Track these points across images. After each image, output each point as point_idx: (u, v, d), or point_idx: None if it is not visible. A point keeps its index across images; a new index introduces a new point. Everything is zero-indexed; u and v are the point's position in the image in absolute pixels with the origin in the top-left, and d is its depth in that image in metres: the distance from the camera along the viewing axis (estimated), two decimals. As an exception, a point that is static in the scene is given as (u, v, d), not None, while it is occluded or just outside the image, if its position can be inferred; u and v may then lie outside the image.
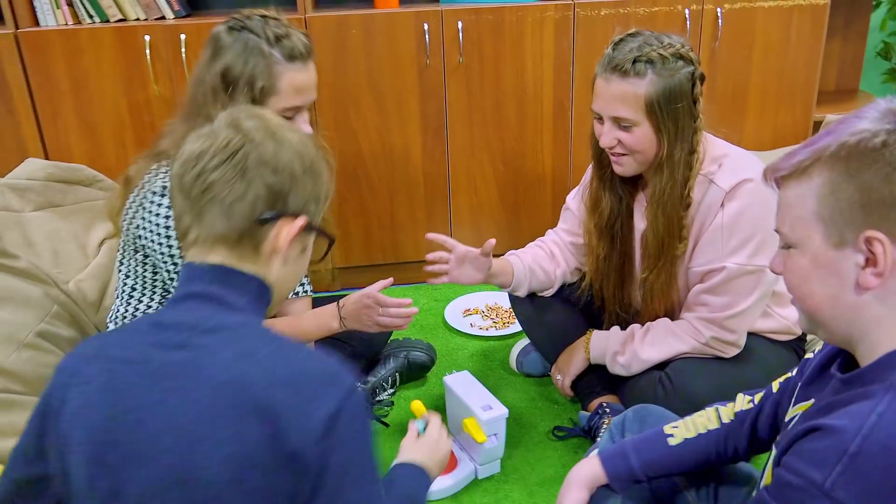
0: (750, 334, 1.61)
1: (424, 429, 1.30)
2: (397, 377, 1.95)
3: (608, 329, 1.73)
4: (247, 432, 0.80)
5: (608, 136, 1.51)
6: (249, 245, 0.91)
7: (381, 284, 1.61)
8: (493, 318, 2.32)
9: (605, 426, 1.67)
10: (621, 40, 1.49)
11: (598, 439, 1.65)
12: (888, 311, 0.84)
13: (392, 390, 1.94)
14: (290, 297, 1.77)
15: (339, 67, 2.28)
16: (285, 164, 0.90)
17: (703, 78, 1.49)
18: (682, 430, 1.21)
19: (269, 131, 0.92)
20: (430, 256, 1.65)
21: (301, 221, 0.92)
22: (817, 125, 2.55)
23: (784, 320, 1.66)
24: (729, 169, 1.52)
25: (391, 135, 2.38)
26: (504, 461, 1.69)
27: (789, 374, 1.15)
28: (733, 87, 2.46)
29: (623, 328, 1.71)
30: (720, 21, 2.35)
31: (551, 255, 1.80)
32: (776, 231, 0.92)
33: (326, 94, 2.30)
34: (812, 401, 0.97)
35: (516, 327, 2.18)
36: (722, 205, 1.50)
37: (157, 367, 0.85)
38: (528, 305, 1.84)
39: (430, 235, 1.64)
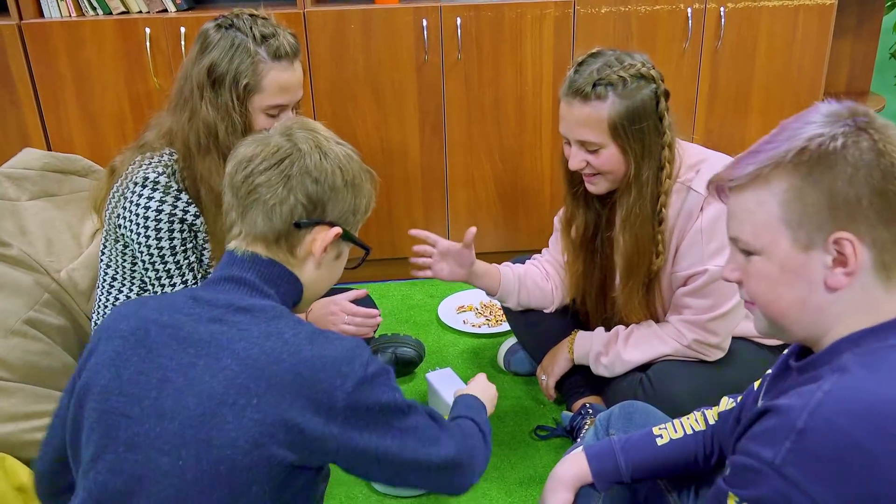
0: (733, 337, 1.59)
1: None
2: (384, 372, 1.95)
3: (593, 330, 1.72)
4: (269, 403, 0.86)
5: (576, 158, 1.51)
6: (286, 245, 0.99)
7: (353, 294, 1.62)
8: (486, 316, 2.31)
9: (587, 426, 1.66)
10: (582, 62, 1.49)
11: (580, 439, 1.65)
12: (848, 306, 0.85)
13: (378, 385, 1.94)
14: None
15: (337, 62, 2.28)
16: (327, 175, 0.98)
17: (667, 94, 1.49)
18: (670, 430, 1.21)
19: (317, 143, 0.99)
20: (414, 249, 1.65)
21: (336, 231, 0.99)
22: (823, 127, 2.50)
23: (771, 324, 1.63)
24: (706, 174, 1.50)
25: (389, 131, 2.38)
26: (484, 459, 1.69)
27: (769, 371, 1.15)
28: (736, 88, 2.42)
29: (608, 329, 1.70)
30: (723, 20, 2.32)
31: (546, 274, 1.79)
32: (731, 239, 0.92)
33: (324, 89, 2.31)
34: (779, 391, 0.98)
35: (508, 326, 2.17)
36: (701, 209, 1.49)
37: (189, 334, 0.91)
38: (517, 304, 1.83)
39: (413, 231, 1.65)
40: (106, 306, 1.61)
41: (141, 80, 2.25)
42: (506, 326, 2.21)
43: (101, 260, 1.63)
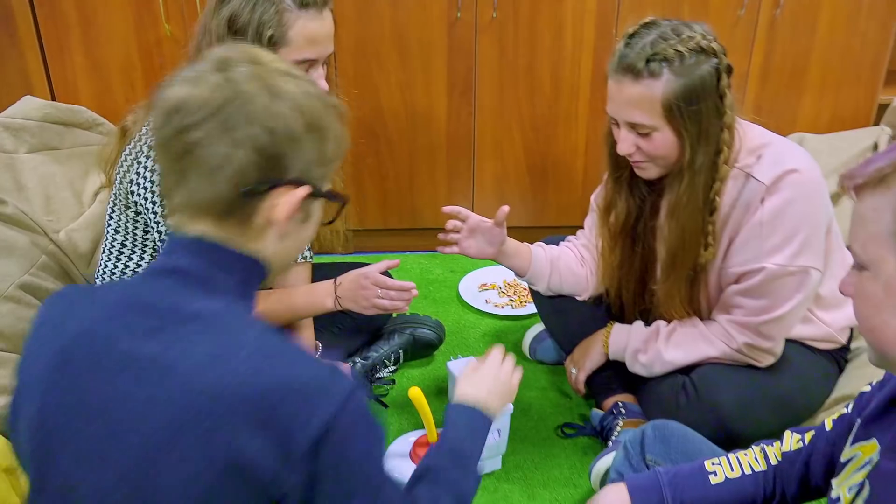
0: (787, 341, 1.45)
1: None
2: (401, 354, 1.83)
3: (631, 322, 1.59)
4: (217, 450, 0.69)
5: (625, 142, 1.36)
6: (239, 216, 0.78)
7: (385, 265, 1.50)
8: (510, 296, 2.18)
9: (618, 428, 1.54)
10: (634, 34, 1.32)
11: (610, 443, 1.53)
12: None
13: (394, 368, 1.82)
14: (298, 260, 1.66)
15: (362, 17, 2.11)
16: (282, 122, 0.75)
17: (730, 70, 1.32)
18: (725, 467, 1.08)
19: (264, 81, 0.76)
20: (447, 225, 1.53)
21: (303, 191, 0.78)
22: (882, 108, 2.32)
23: (826, 327, 1.49)
24: (769, 160, 1.35)
25: (415, 92, 2.22)
26: (507, 457, 1.57)
27: (843, 411, 1.02)
28: (792, 62, 2.23)
29: (646, 322, 1.56)
30: (784, -13, 2.12)
31: (580, 259, 1.65)
32: (848, 248, 0.79)
33: (347, 46, 2.14)
34: (874, 440, 0.86)
35: (533, 307, 2.04)
36: (762, 200, 1.34)
37: (126, 355, 0.73)
38: (546, 288, 1.70)
39: (447, 208, 1.51)
40: (114, 273, 1.50)
41: (151, 27, 2.09)
42: (531, 308, 2.08)
43: (109, 224, 1.51)
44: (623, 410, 1.57)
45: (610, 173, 1.51)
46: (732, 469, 1.07)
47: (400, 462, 1.51)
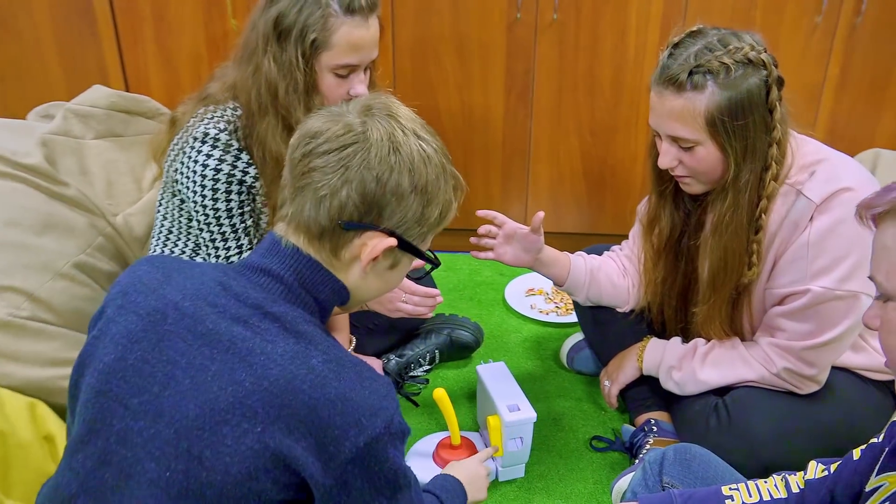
0: (834, 368, 1.37)
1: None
2: (437, 354, 1.83)
3: (670, 338, 1.53)
4: (274, 435, 0.75)
5: (667, 156, 1.31)
6: (329, 244, 0.86)
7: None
8: (556, 303, 2.14)
9: (648, 446, 1.49)
10: (678, 44, 1.27)
11: (637, 461, 1.48)
12: None
13: (429, 367, 1.82)
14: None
15: (422, 16, 2.12)
16: (392, 176, 0.83)
17: (780, 82, 1.25)
18: (743, 493, 1.03)
19: (391, 136, 0.84)
20: (480, 230, 1.51)
21: (389, 242, 0.86)
22: (973, 126, 2.16)
23: (880, 356, 1.40)
24: (822, 178, 1.27)
25: (472, 92, 2.21)
26: (531, 465, 1.55)
27: (874, 439, 0.96)
28: (872, 74, 2.10)
29: (686, 339, 1.50)
30: (867, -7, 2.00)
31: (623, 271, 1.60)
32: (870, 278, 0.77)
33: (406, 45, 2.15)
34: None
35: (578, 317, 2.00)
36: (811, 219, 1.26)
37: (209, 331, 0.80)
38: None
39: (481, 212, 1.49)
40: None
41: (219, 20, 2.16)
42: (575, 317, 2.04)
43: (158, 211, 1.57)
44: (655, 428, 1.52)
45: (654, 187, 1.46)
46: (751, 495, 1.02)
47: (422, 462, 1.51)
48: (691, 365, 1.44)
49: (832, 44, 2.08)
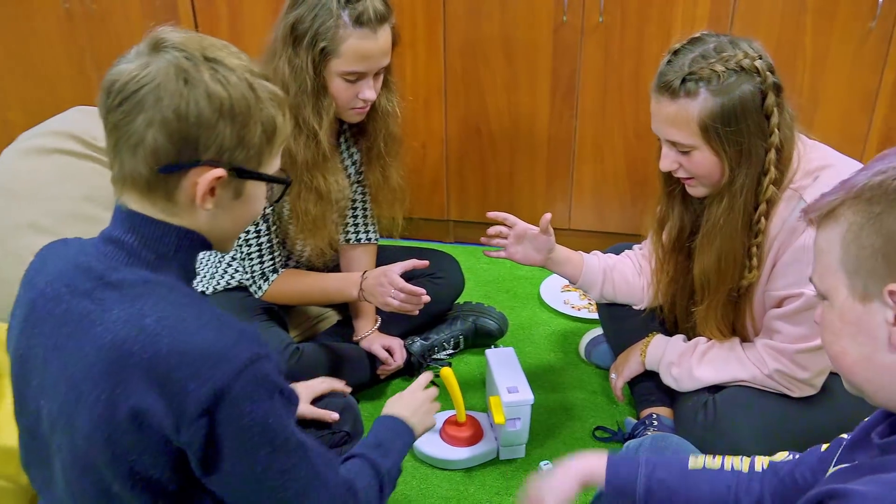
0: (830, 373, 1.37)
1: None
2: (461, 340, 1.93)
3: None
4: (119, 400, 0.77)
5: (666, 159, 1.36)
6: (161, 193, 0.83)
7: (411, 265, 1.57)
8: (589, 300, 2.19)
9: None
10: (678, 51, 1.31)
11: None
12: None
13: (452, 351, 1.92)
14: (352, 242, 1.81)
15: (472, 17, 2.22)
16: (190, 108, 0.79)
17: (777, 88, 1.27)
18: (708, 459, 1.07)
19: (178, 67, 0.80)
20: (490, 231, 1.59)
21: (215, 174, 0.82)
22: None
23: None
24: (825, 183, 1.28)
25: (518, 93, 2.29)
26: (533, 448, 1.62)
27: (845, 435, 0.99)
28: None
29: (691, 339, 1.54)
30: (925, -2, 1.94)
31: (639, 269, 1.65)
32: (809, 279, 0.81)
33: (457, 46, 2.26)
34: (855, 464, 0.86)
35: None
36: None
37: (64, 312, 0.84)
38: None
39: (492, 214, 1.58)
40: None
41: (286, 22, 2.33)
42: (604, 314, 2.08)
43: None
44: (655, 423, 1.56)
45: (663, 188, 1.50)
46: (714, 461, 1.06)
47: (430, 437, 1.61)
48: (689, 362, 1.47)
49: (888, 49, 2.02)
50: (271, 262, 1.64)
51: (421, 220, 2.52)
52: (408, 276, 1.59)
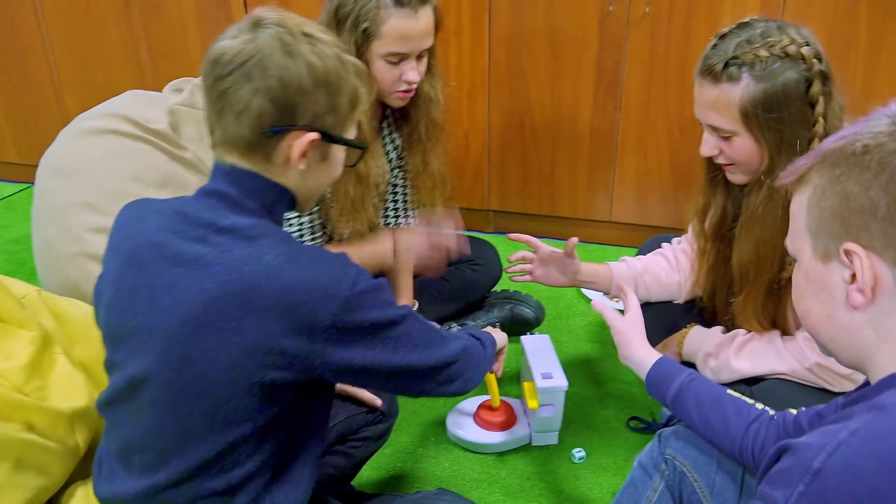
0: (873, 369, 1.34)
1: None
2: (497, 327, 1.93)
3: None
4: (248, 327, 0.87)
5: (707, 144, 1.34)
6: (260, 153, 0.94)
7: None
8: (628, 292, 2.18)
9: (681, 430, 1.52)
10: (724, 35, 1.29)
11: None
12: (881, 337, 0.75)
13: (488, 339, 1.93)
14: (392, 227, 1.83)
15: (517, 8, 2.22)
16: (293, 77, 0.90)
17: (824, 77, 1.24)
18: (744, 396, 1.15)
19: (283, 42, 0.90)
20: (512, 257, 1.61)
21: (310, 137, 0.93)
22: None
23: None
24: None
25: (562, 84, 2.28)
26: (567, 436, 1.62)
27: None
28: None
29: (730, 330, 1.52)
30: None
31: (675, 265, 1.63)
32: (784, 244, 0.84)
33: (502, 36, 2.26)
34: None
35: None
36: None
37: (174, 254, 0.92)
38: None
39: (513, 236, 1.59)
40: None
41: (333, 11, 2.37)
42: (644, 307, 2.06)
43: None
44: (691, 414, 1.54)
45: (705, 173, 1.49)
46: (748, 400, 1.13)
47: (464, 420, 1.63)
48: (727, 353, 1.45)
49: (947, 43, 1.96)
50: (311, 242, 1.67)
51: (462, 210, 2.53)
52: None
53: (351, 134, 1.00)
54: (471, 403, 1.67)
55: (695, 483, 1.17)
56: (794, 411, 1.08)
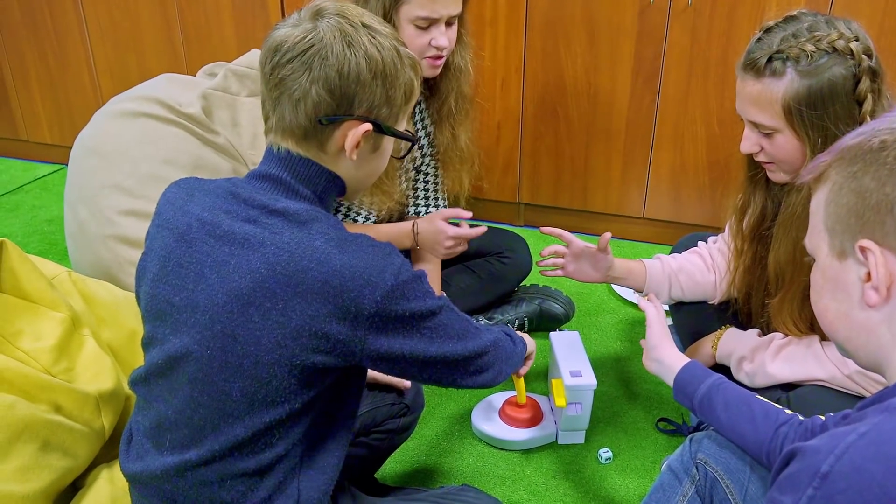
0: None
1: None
2: (525, 322, 1.91)
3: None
4: (294, 308, 0.88)
5: (747, 141, 1.30)
6: (315, 141, 0.95)
7: (450, 213, 1.60)
8: (660, 290, 2.13)
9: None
10: (770, 28, 1.24)
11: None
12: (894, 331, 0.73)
13: (516, 333, 1.90)
14: (422, 215, 1.81)
15: (555, -4, 2.18)
16: (352, 67, 0.91)
17: (873, 73, 1.18)
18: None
19: (344, 33, 0.92)
20: (544, 251, 1.58)
21: (365, 127, 0.94)
22: None
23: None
24: None
25: (598, 75, 2.24)
26: (594, 435, 1.59)
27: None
28: None
29: (766, 333, 1.47)
30: None
31: (710, 265, 1.59)
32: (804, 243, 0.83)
33: (538, 24, 2.22)
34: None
35: (678, 305, 1.98)
36: None
37: (225, 232, 0.92)
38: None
39: (545, 230, 1.55)
40: None
41: None
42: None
43: None
44: (723, 417, 1.50)
45: (745, 173, 1.44)
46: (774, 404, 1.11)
47: (489, 416, 1.61)
48: (763, 357, 1.41)
49: None
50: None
51: (491, 202, 2.51)
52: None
53: (402, 126, 1.00)
54: (498, 399, 1.64)
55: (727, 490, 1.13)
56: (823, 417, 1.05)
